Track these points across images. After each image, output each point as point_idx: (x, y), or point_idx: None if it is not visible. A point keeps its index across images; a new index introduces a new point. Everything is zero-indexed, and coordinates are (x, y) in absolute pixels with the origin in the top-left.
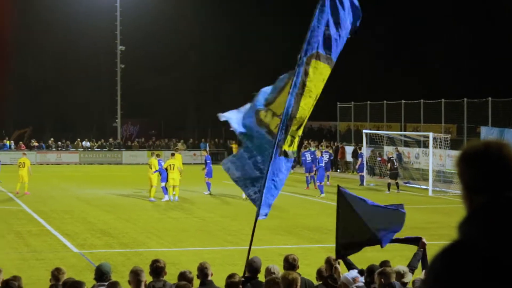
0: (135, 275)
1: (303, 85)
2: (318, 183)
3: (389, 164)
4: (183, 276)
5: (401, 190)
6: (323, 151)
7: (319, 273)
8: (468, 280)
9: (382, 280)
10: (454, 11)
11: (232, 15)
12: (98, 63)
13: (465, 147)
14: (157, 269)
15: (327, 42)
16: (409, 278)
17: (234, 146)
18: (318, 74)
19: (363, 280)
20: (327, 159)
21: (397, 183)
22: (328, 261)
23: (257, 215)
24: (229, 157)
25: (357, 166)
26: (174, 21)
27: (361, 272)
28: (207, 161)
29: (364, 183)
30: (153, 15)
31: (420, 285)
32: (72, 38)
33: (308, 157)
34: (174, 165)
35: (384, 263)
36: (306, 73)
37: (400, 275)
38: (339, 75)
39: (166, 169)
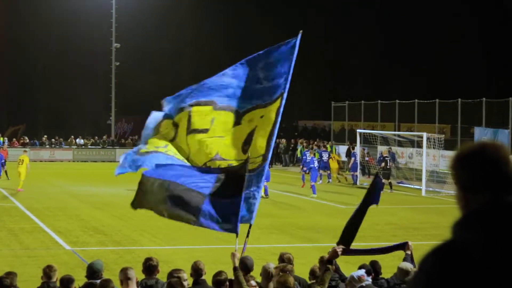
0: (124, 273)
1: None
2: (311, 183)
3: (382, 164)
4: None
5: (394, 190)
6: (322, 150)
7: (312, 272)
8: (459, 281)
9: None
10: (450, 12)
11: (227, 13)
12: (93, 61)
13: (461, 148)
14: (150, 267)
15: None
16: None
17: None
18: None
19: (370, 279)
20: (326, 159)
21: (390, 183)
22: (321, 261)
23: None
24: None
25: (349, 166)
26: (169, 18)
27: (368, 272)
28: None
29: (358, 182)
30: (148, 12)
31: (409, 283)
32: (67, 35)
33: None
34: None
35: (374, 263)
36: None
37: (405, 273)
38: (334, 75)
39: None
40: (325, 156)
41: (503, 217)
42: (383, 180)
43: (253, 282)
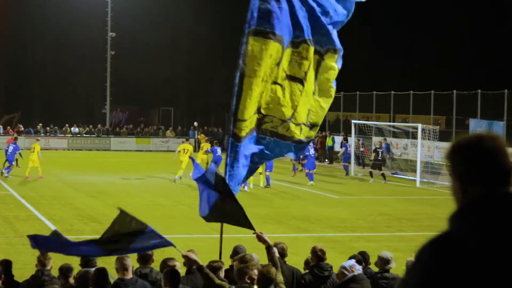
0: (121, 262)
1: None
2: (307, 171)
3: (373, 154)
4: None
5: (388, 181)
6: (344, 143)
7: (307, 263)
8: (455, 273)
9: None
10: (445, 3)
11: (225, 3)
12: (88, 50)
13: (458, 139)
14: (144, 256)
15: (264, 17)
16: (393, 265)
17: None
18: (258, 52)
19: (361, 268)
20: (313, 154)
21: (383, 174)
22: (314, 251)
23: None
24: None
25: (340, 156)
26: (165, 8)
27: (359, 262)
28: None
29: (352, 173)
30: (144, 1)
31: (405, 274)
32: (62, 24)
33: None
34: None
35: (363, 253)
36: (244, 54)
37: (385, 261)
38: None
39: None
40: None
41: (498, 209)
42: (370, 169)
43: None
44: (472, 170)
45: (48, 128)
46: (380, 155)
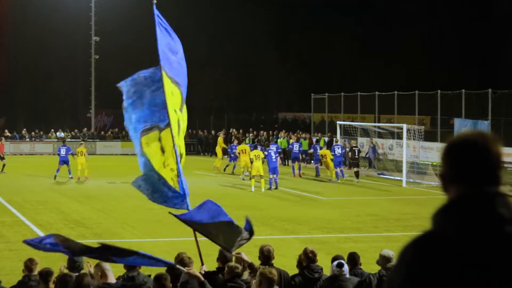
0: (100, 267)
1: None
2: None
3: (350, 153)
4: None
5: (360, 180)
6: (336, 144)
7: (300, 263)
8: (439, 271)
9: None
10: (431, 3)
11: (209, 9)
12: (72, 54)
13: (452, 137)
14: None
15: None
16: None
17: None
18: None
19: (347, 269)
20: (340, 153)
21: (356, 172)
22: (305, 253)
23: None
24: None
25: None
26: (149, 12)
27: (339, 265)
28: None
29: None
30: (128, 5)
31: (390, 274)
32: (46, 28)
33: (296, 147)
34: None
35: (353, 254)
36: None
37: (386, 259)
38: (313, 67)
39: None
40: (337, 150)
41: (480, 206)
42: (355, 169)
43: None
44: (457, 169)
45: (33, 133)
46: (356, 154)
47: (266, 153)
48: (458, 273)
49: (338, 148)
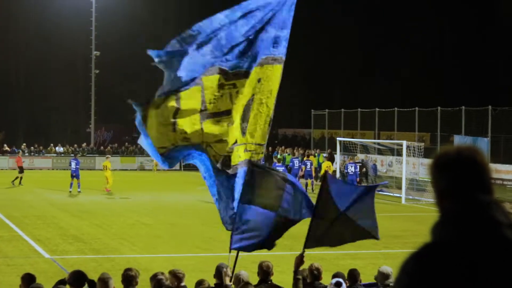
0: (103, 283)
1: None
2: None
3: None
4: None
5: None
6: (349, 162)
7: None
8: (441, 280)
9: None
10: (431, 21)
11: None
12: (73, 68)
13: (438, 152)
14: (127, 277)
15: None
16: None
17: None
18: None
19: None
20: (352, 171)
21: None
22: (310, 270)
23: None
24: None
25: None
26: (149, 26)
27: (337, 284)
28: None
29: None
30: (128, 20)
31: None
32: (47, 43)
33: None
34: None
35: (353, 271)
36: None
37: (385, 276)
38: (314, 83)
39: None
40: (350, 169)
41: (478, 214)
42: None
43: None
44: (452, 182)
45: (32, 147)
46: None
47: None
48: (461, 281)
49: (352, 166)
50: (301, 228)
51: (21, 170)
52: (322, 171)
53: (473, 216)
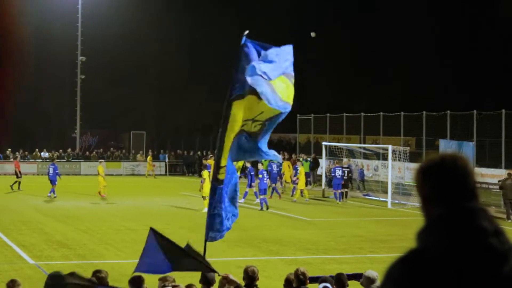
0: None
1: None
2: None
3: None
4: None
5: (347, 201)
6: (337, 166)
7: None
8: (426, 285)
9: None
10: (416, 25)
11: (193, 29)
12: (58, 74)
13: (423, 160)
14: (98, 279)
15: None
16: (379, 284)
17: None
18: (237, 112)
19: None
20: (340, 175)
21: (342, 193)
22: (296, 274)
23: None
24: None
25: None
26: (135, 32)
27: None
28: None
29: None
30: (114, 26)
31: None
32: (32, 48)
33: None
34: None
35: (340, 276)
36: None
37: (370, 280)
38: (299, 88)
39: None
40: (338, 173)
41: (463, 221)
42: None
43: None
44: (437, 188)
45: (17, 153)
46: (346, 175)
47: (260, 175)
48: (445, 287)
49: (339, 170)
50: (287, 233)
51: (19, 174)
52: (283, 171)
53: (457, 223)
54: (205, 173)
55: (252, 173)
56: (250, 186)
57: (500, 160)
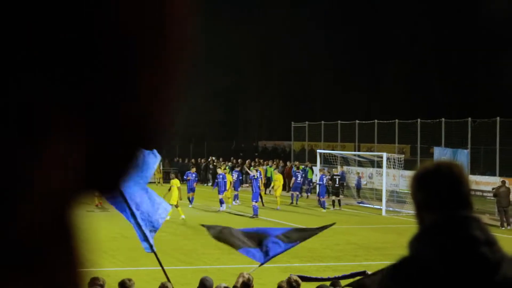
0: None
1: None
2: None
3: (330, 182)
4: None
5: (341, 208)
6: (322, 174)
7: None
8: None
9: None
10: (407, 32)
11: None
12: None
13: (418, 168)
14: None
15: None
16: None
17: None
18: None
19: None
20: (322, 182)
21: (336, 201)
22: (288, 281)
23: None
24: None
25: (291, 185)
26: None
27: None
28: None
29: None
30: None
31: None
32: None
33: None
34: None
35: (335, 283)
36: None
37: None
38: (294, 95)
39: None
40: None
41: (455, 230)
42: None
43: None
44: (431, 196)
45: None
46: (337, 182)
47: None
48: None
49: (325, 178)
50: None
51: None
52: (273, 184)
53: (451, 232)
54: (175, 182)
55: (225, 179)
56: (222, 192)
57: (494, 167)
